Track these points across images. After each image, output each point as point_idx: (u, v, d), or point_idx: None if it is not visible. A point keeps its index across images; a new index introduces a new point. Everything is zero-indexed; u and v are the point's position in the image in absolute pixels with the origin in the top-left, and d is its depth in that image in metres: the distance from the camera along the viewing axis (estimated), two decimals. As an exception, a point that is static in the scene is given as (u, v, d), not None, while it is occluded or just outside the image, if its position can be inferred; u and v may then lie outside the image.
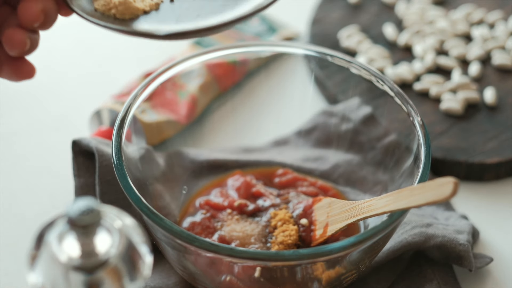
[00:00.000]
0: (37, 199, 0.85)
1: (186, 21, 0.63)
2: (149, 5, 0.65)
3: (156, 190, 0.79)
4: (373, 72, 0.80)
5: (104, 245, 0.50)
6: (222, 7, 0.65)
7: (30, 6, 0.61)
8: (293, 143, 0.90)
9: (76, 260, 0.49)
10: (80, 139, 0.80)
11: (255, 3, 0.64)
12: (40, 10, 0.61)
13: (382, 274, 0.77)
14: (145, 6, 0.65)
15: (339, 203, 0.74)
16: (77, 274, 0.50)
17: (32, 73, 0.64)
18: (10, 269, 0.78)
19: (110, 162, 0.77)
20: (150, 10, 0.65)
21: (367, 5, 1.09)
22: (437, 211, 0.83)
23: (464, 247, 0.75)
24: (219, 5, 0.65)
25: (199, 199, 0.81)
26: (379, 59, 1.00)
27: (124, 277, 0.50)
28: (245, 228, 0.77)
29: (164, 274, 0.76)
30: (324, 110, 0.90)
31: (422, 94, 0.97)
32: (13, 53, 0.62)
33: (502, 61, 1.00)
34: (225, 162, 0.86)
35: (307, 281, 0.70)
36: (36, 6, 0.61)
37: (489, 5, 1.08)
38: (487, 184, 0.89)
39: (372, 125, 0.86)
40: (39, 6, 0.61)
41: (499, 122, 0.93)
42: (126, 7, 0.64)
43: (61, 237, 0.50)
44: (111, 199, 0.77)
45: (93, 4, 0.65)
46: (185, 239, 0.65)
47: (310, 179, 0.84)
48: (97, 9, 0.64)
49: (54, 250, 0.50)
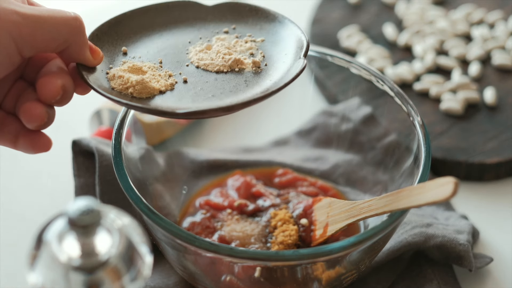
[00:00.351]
0: (37, 199, 0.85)
1: (201, 101, 0.65)
2: (165, 85, 0.67)
3: (156, 190, 0.79)
4: (373, 72, 0.80)
5: (104, 245, 0.50)
6: (234, 88, 0.67)
7: (50, 82, 0.62)
8: (293, 143, 0.90)
9: (76, 260, 0.49)
10: (80, 139, 0.80)
11: (265, 86, 0.66)
12: (60, 86, 0.63)
13: (382, 274, 0.77)
14: (160, 86, 0.67)
15: (339, 203, 0.74)
16: (77, 274, 0.50)
17: (48, 145, 0.66)
18: (10, 269, 0.78)
19: (110, 162, 0.77)
20: (165, 90, 0.67)
21: (367, 5, 1.09)
22: (437, 211, 0.83)
23: (464, 247, 0.75)
24: (232, 87, 0.67)
25: (199, 199, 0.81)
26: (379, 59, 1.00)
27: (124, 277, 0.50)
28: (245, 228, 0.77)
29: (164, 274, 0.76)
30: (324, 110, 0.90)
31: (422, 94, 0.97)
32: (31, 127, 0.63)
33: (502, 61, 1.00)
34: (225, 162, 0.86)
35: (307, 281, 0.70)
36: (56, 82, 0.62)
37: (489, 5, 1.08)
38: (487, 184, 0.89)
39: (372, 125, 0.86)
40: (59, 82, 0.63)
41: (499, 122, 0.93)
42: (143, 86, 0.66)
43: (61, 237, 0.50)
44: (111, 199, 0.77)
45: (110, 83, 0.66)
46: (185, 239, 0.65)
47: (310, 179, 0.84)
48: (114, 88, 0.66)
49: (54, 250, 0.50)
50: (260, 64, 0.69)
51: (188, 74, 0.68)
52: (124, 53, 0.70)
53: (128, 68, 0.67)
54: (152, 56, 0.70)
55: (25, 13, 0.60)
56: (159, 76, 0.68)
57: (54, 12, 0.61)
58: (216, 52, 0.70)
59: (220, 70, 0.68)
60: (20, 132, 0.64)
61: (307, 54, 0.68)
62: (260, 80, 0.67)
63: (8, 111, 0.65)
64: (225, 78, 0.68)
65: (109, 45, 0.69)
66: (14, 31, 0.59)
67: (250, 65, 0.69)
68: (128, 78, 0.66)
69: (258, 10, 0.73)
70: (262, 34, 0.72)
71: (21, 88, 0.65)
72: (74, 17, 0.62)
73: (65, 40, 0.62)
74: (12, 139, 0.65)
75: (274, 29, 0.72)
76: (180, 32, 0.72)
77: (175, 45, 0.71)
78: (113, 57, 0.69)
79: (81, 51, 0.64)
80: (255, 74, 0.68)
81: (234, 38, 0.72)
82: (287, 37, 0.71)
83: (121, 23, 0.71)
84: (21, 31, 0.59)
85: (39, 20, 0.60)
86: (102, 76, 0.66)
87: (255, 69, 0.68)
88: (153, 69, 0.68)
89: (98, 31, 0.69)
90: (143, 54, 0.70)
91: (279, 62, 0.69)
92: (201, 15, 0.73)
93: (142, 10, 0.72)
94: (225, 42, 0.71)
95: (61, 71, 0.64)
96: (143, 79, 0.66)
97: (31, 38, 0.60)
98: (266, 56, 0.70)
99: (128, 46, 0.70)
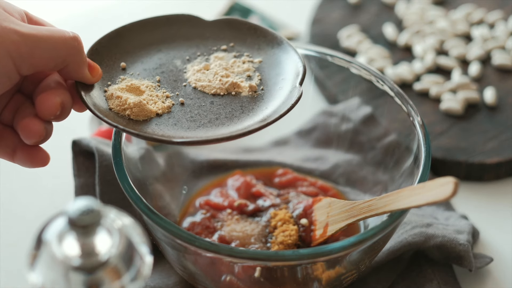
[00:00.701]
0: (37, 199, 0.86)
1: (196, 127, 0.66)
2: (162, 108, 0.67)
3: (156, 190, 0.79)
4: (373, 72, 0.80)
5: (104, 245, 0.50)
6: (230, 114, 0.67)
7: (49, 99, 0.63)
8: (293, 143, 0.90)
9: (76, 260, 0.49)
10: (80, 139, 0.80)
11: (261, 116, 0.66)
12: (59, 103, 0.63)
13: (382, 274, 0.77)
14: (157, 109, 0.67)
15: (339, 203, 0.74)
16: (77, 274, 0.50)
17: (46, 160, 0.66)
18: (10, 269, 0.78)
19: (110, 162, 0.77)
20: (162, 113, 0.67)
21: (367, 5, 1.09)
22: (437, 211, 0.83)
23: (464, 247, 0.75)
24: (228, 112, 0.67)
25: (199, 199, 0.81)
26: (379, 59, 1.00)
27: (124, 277, 0.50)
28: (245, 228, 0.77)
29: (164, 274, 0.76)
30: (324, 110, 0.90)
31: (422, 94, 0.97)
32: (29, 142, 0.64)
33: (502, 61, 1.00)
34: (225, 162, 0.86)
35: (307, 281, 0.70)
36: (55, 99, 0.63)
37: (489, 5, 1.08)
38: (487, 184, 0.89)
39: (372, 125, 0.86)
40: (58, 99, 0.63)
41: (499, 122, 0.93)
42: (141, 109, 0.66)
43: (61, 237, 0.50)
44: (111, 199, 0.77)
45: (108, 102, 0.66)
46: (185, 239, 0.65)
47: (310, 179, 0.84)
48: (112, 108, 0.66)
49: (54, 250, 0.50)
50: (256, 89, 0.69)
51: (185, 95, 0.68)
52: (123, 68, 0.70)
53: (126, 87, 0.68)
54: (150, 73, 0.70)
55: (25, 32, 0.60)
56: (156, 97, 0.68)
57: (53, 32, 0.61)
58: (213, 74, 0.70)
59: (217, 93, 0.69)
60: (17, 146, 0.65)
61: (303, 82, 0.68)
62: (256, 107, 0.67)
63: (5, 123, 0.65)
64: (221, 102, 0.68)
65: (108, 60, 0.69)
66: (13, 50, 0.59)
67: (246, 89, 0.69)
68: (126, 99, 0.66)
69: (257, 29, 0.73)
70: (260, 55, 0.72)
71: (19, 101, 0.65)
72: (73, 37, 0.62)
73: (63, 60, 0.62)
74: (10, 152, 0.65)
75: (272, 51, 0.72)
76: (178, 47, 0.72)
77: (173, 62, 0.71)
78: (111, 72, 0.69)
79: (80, 70, 0.64)
80: (252, 99, 0.68)
81: (232, 57, 0.72)
82: (285, 60, 0.71)
83: (121, 36, 0.71)
84: (20, 50, 0.60)
85: (38, 40, 0.60)
86: (100, 95, 0.67)
87: (252, 94, 0.69)
88: (150, 88, 0.68)
89: (98, 45, 0.69)
90: (141, 71, 0.70)
91: (276, 87, 0.69)
92: (200, 31, 0.73)
93: (141, 23, 0.72)
94: (223, 62, 0.71)
95: (60, 87, 0.64)
96: (140, 101, 0.66)
97: (30, 57, 0.60)
98: (263, 79, 0.70)
99: (127, 61, 0.70)
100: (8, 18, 0.60)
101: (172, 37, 0.73)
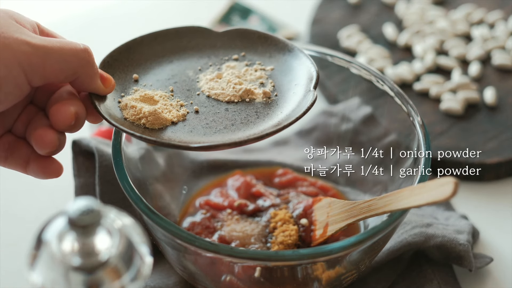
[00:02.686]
0: (37, 199, 0.85)
1: (213, 133, 0.66)
2: (177, 116, 0.67)
3: (156, 190, 0.79)
4: (373, 72, 0.80)
5: (104, 245, 0.50)
6: (245, 120, 0.67)
7: (63, 109, 0.63)
8: (293, 143, 0.90)
9: (76, 260, 0.49)
10: (80, 139, 0.80)
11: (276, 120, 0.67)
12: (74, 113, 0.63)
13: (382, 274, 0.77)
14: (173, 117, 0.67)
15: (339, 203, 0.74)
16: (77, 274, 0.50)
17: (59, 171, 0.66)
18: (10, 269, 0.78)
19: (110, 162, 0.77)
20: (177, 121, 0.67)
21: (367, 5, 1.09)
22: (437, 211, 0.83)
23: (464, 247, 0.75)
24: (243, 118, 0.67)
25: (199, 199, 0.81)
26: (379, 59, 1.00)
27: (124, 277, 0.50)
28: (245, 228, 0.77)
29: (164, 274, 0.76)
30: (324, 110, 0.90)
31: (422, 94, 0.97)
32: (42, 153, 0.64)
33: (502, 61, 1.00)
34: (225, 162, 0.86)
35: (307, 281, 0.70)
36: (69, 110, 0.63)
37: (489, 5, 1.08)
38: (487, 184, 0.89)
39: (372, 125, 0.86)
40: (72, 110, 0.63)
41: (499, 122, 0.93)
42: (156, 117, 0.66)
43: (61, 237, 0.50)
44: (111, 199, 0.77)
45: (122, 113, 0.67)
46: (185, 239, 0.65)
47: (310, 179, 0.84)
48: (127, 118, 0.66)
49: (54, 250, 0.50)
50: (270, 95, 0.69)
51: (199, 103, 0.69)
52: (135, 80, 0.70)
53: (140, 97, 0.68)
54: (163, 84, 0.70)
55: (36, 43, 0.60)
56: (170, 105, 0.68)
57: (64, 44, 0.62)
58: (226, 82, 0.70)
59: (231, 100, 0.69)
60: (30, 157, 0.65)
61: (317, 86, 0.68)
62: (271, 112, 0.68)
63: (18, 135, 0.65)
64: (236, 108, 0.68)
65: (120, 72, 0.70)
66: (24, 61, 0.59)
67: (260, 95, 0.69)
68: (140, 109, 0.66)
69: (268, 37, 0.73)
70: (272, 63, 0.72)
71: (31, 113, 0.65)
72: (83, 49, 0.62)
73: (74, 72, 0.62)
74: (23, 164, 0.65)
75: (283, 58, 0.72)
76: (190, 58, 0.73)
77: (186, 72, 0.72)
78: (124, 84, 0.69)
79: (92, 81, 0.64)
80: (266, 105, 0.69)
81: (244, 66, 0.72)
82: (297, 66, 0.71)
83: (132, 49, 0.71)
84: (31, 61, 0.60)
85: (49, 51, 0.60)
86: (114, 105, 0.67)
87: (266, 100, 0.69)
88: (164, 98, 0.69)
89: (109, 57, 0.70)
90: (154, 82, 0.70)
91: (289, 93, 0.69)
92: (211, 42, 0.74)
93: (152, 36, 0.73)
94: (235, 70, 0.71)
95: (73, 98, 0.64)
96: (155, 110, 0.66)
97: (41, 69, 0.60)
98: (276, 86, 0.70)
99: (139, 73, 0.71)
100: (20, 29, 0.60)
101: (183, 49, 0.73)
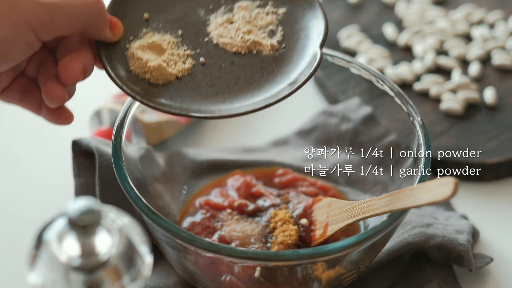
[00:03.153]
0: (37, 199, 0.85)
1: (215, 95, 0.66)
2: (182, 70, 0.67)
3: (156, 190, 0.79)
4: (373, 72, 0.80)
5: (104, 245, 0.50)
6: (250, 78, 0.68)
7: (72, 66, 0.63)
8: (293, 143, 0.90)
9: (76, 260, 0.49)
10: (80, 139, 0.80)
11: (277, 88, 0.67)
12: (81, 69, 0.63)
13: (382, 274, 0.77)
14: (177, 72, 0.67)
15: (339, 203, 0.74)
16: (77, 274, 0.50)
17: (70, 119, 0.66)
18: (10, 269, 0.78)
19: (110, 162, 0.77)
20: (182, 75, 0.67)
21: (367, 5, 1.09)
22: (437, 211, 0.83)
23: (464, 247, 0.75)
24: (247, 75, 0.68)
25: (199, 199, 0.81)
26: (379, 59, 1.00)
27: (124, 277, 0.50)
28: (245, 228, 0.77)
29: (164, 274, 0.76)
30: (324, 110, 0.90)
31: (422, 94, 0.97)
32: (52, 106, 0.64)
33: (502, 61, 1.00)
34: (225, 162, 0.86)
35: (307, 281, 0.70)
36: (77, 67, 0.63)
37: (489, 5, 1.08)
38: (487, 184, 0.89)
39: (372, 125, 0.86)
40: (80, 66, 0.63)
41: (499, 122, 0.93)
42: (161, 73, 0.67)
43: (61, 237, 0.50)
44: (111, 199, 0.77)
45: (128, 62, 0.67)
46: (185, 239, 0.65)
47: (310, 179, 0.84)
48: (132, 70, 0.67)
49: (54, 250, 0.50)
50: (278, 47, 0.69)
51: (207, 53, 0.69)
52: (146, 19, 0.69)
53: (147, 45, 0.68)
54: (172, 25, 0.70)
55: (43, 1, 0.60)
56: (177, 56, 0.68)
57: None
58: (236, 29, 0.70)
59: (238, 51, 0.69)
60: (43, 102, 0.65)
61: (323, 44, 0.68)
62: (276, 69, 0.68)
63: (31, 78, 0.65)
64: (242, 62, 0.69)
65: (130, 11, 0.69)
66: (32, 20, 0.60)
67: (268, 47, 0.69)
68: (146, 62, 0.67)
69: None
70: (285, 5, 0.71)
71: (42, 56, 0.65)
72: (95, 1, 0.62)
73: (85, 24, 0.62)
74: (36, 107, 0.66)
75: (297, 1, 0.71)
76: None
77: (197, 11, 0.71)
78: (134, 24, 0.69)
79: (101, 31, 0.65)
80: (272, 59, 0.69)
81: (256, 7, 0.71)
82: (309, 15, 0.71)
83: None
84: (40, 19, 0.60)
85: (57, 7, 0.60)
86: (121, 53, 0.67)
87: (273, 53, 0.69)
88: (172, 46, 0.68)
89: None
90: (163, 23, 0.70)
91: (298, 46, 0.69)
92: None
93: None
94: (246, 13, 0.71)
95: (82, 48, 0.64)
96: (160, 65, 0.66)
97: (50, 25, 0.60)
98: (285, 35, 0.70)
99: (150, 10, 0.70)
100: None
101: None
